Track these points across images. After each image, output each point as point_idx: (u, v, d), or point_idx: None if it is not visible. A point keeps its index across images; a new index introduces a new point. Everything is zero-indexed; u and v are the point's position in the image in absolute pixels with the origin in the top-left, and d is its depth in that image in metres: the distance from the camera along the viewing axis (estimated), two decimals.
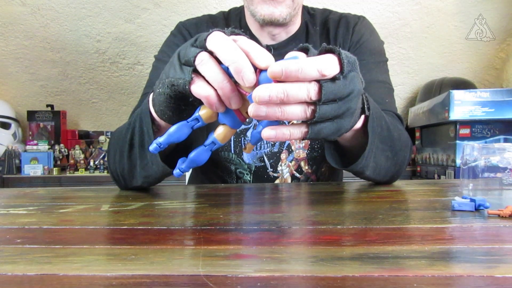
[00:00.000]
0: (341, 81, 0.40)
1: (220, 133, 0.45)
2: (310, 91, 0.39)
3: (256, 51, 0.40)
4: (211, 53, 0.42)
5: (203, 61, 0.42)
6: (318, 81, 0.39)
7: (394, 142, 0.64)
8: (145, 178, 0.65)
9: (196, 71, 0.43)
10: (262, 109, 0.39)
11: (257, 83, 0.40)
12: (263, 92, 0.38)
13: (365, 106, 0.51)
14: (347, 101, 0.42)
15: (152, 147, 0.45)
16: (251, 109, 0.39)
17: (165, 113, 0.51)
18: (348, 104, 0.42)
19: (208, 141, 0.46)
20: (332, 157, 0.63)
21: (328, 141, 0.63)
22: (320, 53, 0.42)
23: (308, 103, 0.40)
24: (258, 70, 0.40)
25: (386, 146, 0.63)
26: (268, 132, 0.41)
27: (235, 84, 0.42)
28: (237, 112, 0.44)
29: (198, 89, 0.42)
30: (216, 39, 0.41)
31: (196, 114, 0.45)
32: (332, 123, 0.43)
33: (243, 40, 0.42)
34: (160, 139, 0.45)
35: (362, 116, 0.55)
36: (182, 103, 0.48)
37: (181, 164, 0.47)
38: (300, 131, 0.42)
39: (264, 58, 0.40)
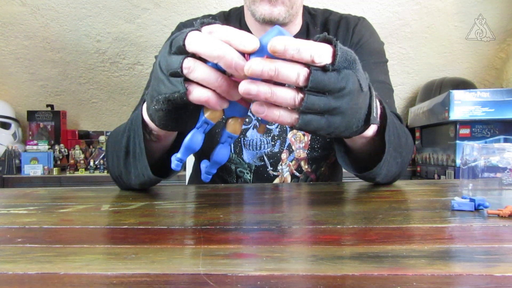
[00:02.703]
0: (333, 74, 0.40)
1: (231, 125, 0.45)
2: (300, 74, 0.39)
3: (237, 37, 0.39)
4: (193, 55, 0.41)
5: (190, 68, 0.40)
6: (309, 67, 0.39)
7: (402, 148, 0.65)
8: (140, 185, 0.65)
9: (186, 79, 0.42)
10: (253, 87, 0.39)
11: None
12: (256, 65, 0.38)
13: (373, 114, 0.49)
14: (337, 97, 0.41)
15: (174, 164, 0.45)
16: (242, 86, 0.39)
17: (168, 125, 0.50)
18: (339, 101, 0.41)
19: (223, 138, 0.46)
20: (344, 162, 0.63)
21: (338, 145, 0.63)
22: (320, 41, 0.41)
23: (298, 91, 0.40)
24: (246, 55, 0.40)
25: (397, 153, 0.63)
26: (257, 107, 0.41)
27: (229, 76, 0.41)
28: (240, 101, 0.44)
29: (197, 96, 0.42)
30: (195, 40, 0.40)
31: (203, 118, 0.44)
32: (321, 117, 0.42)
33: (219, 29, 0.41)
34: (178, 155, 0.45)
35: (375, 126, 0.54)
36: (182, 111, 0.47)
37: (205, 168, 0.47)
38: (290, 116, 0.41)
39: (248, 42, 0.39)
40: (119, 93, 2.31)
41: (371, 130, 0.55)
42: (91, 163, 2.12)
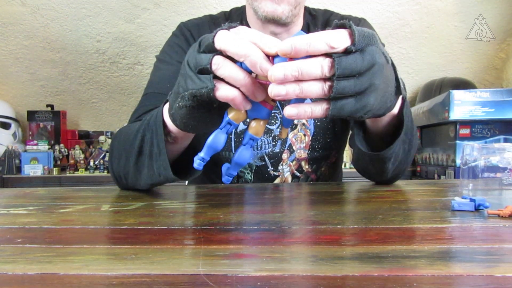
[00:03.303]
0: (357, 54, 0.39)
1: (253, 127, 0.46)
2: (324, 66, 0.39)
3: (262, 39, 0.40)
4: (221, 53, 0.42)
5: (219, 65, 0.42)
6: (332, 56, 0.39)
7: (412, 135, 0.65)
8: (150, 185, 0.65)
9: (214, 76, 0.43)
10: (282, 88, 0.39)
11: None
12: (278, 71, 0.38)
13: (401, 85, 0.48)
14: (368, 75, 0.40)
15: (196, 163, 0.46)
16: (271, 90, 0.39)
17: (188, 125, 0.51)
18: (371, 79, 0.41)
19: (245, 140, 0.46)
20: (361, 144, 0.63)
21: (357, 126, 0.63)
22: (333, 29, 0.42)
23: (326, 80, 0.40)
24: (271, 57, 0.41)
25: (407, 138, 0.63)
26: (290, 110, 0.41)
27: (254, 77, 0.42)
28: (263, 103, 0.44)
29: (224, 93, 0.42)
30: (224, 38, 0.41)
31: (226, 119, 0.45)
32: (355, 100, 0.41)
33: (245, 31, 0.42)
34: (201, 154, 0.46)
35: (399, 102, 0.54)
36: (205, 111, 0.48)
37: (227, 170, 0.47)
38: (321, 108, 0.41)
39: (273, 44, 0.40)
40: (119, 93, 2.31)
41: (397, 106, 0.55)
42: (91, 163, 2.12)
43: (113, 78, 2.24)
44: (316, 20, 0.89)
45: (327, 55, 0.39)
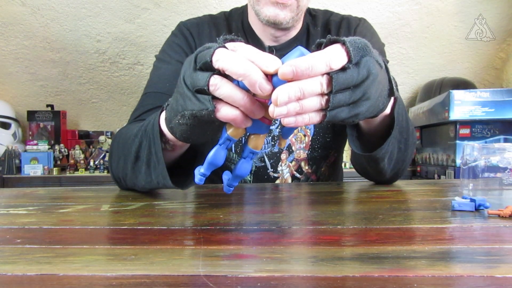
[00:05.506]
0: (352, 69, 0.40)
1: (253, 141, 0.46)
2: (323, 84, 0.39)
3: (260, 58, 0.40)
4: (218, 72, 0.42)
5: (217, 85, 0.41)
6: (328, 73, 0.39)
7: (408, 135, 0.65)
8: (149, 189, 0.65)
9: (213, 96, 0.42)
10: (283, 108, 0.39)
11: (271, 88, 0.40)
12: (282, 95, 0.38)
13: (394, 87, 0.50)
14: (363, 86, 0.42)
15: (197, 179, 0.46)
16: (273, 111, 0.39)
17: (189, 138, 0.51)
18: (364, 89, 0.42)
19: (245, 153, 0.46)
20: (354, 144, 0.63)
21: (350, 127, 0.63)
22: (326, 45, 0.42)
23: (323, 94, 0.40)
24: (269, 76, 0.40)
25: (402, 137, 0.63)
26: (288, 120, 0.41)
27: (252, 95, 0.42)
28: (261, 118, 0.44)
29: (225, 114, 0.42)
30: (223, 57, 0.41)
31: (225, 135, 0.45)
32: (348, 108, 0.42)
33: (243, 49, 0.42)
34: (202, 170, 0.46)
35: (391, 102, 0.54)
36: (206, 126, 0.48)
37: (228, 180, 0.48)
38: (318, 114, 0.42)
39: (271, 63, 0.40)
40: (119, 93, 2.31)
41: (389, 106, 0.55)
42: (91, 163, 2.12)
43: (113, 78, 2.24)
44: (316, 21, 0.89)
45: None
